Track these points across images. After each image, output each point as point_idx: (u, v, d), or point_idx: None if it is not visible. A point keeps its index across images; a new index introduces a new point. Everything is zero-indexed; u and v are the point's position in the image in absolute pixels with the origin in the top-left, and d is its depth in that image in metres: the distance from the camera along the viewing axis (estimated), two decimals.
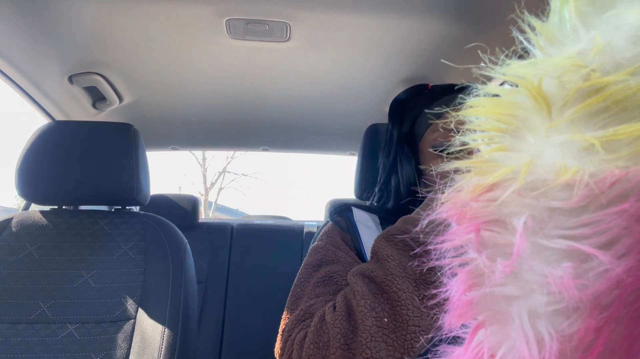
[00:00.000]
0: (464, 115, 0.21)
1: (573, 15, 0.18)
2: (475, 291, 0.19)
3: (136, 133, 0.96)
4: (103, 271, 0.89)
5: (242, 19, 0.91)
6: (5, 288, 0.85)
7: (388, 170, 0.70)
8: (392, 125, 0.72)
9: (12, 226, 0.92)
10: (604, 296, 0.15)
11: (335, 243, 0.64)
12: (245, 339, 1.59)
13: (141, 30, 0.96)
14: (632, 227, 0.14)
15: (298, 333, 0.50)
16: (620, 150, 0.15)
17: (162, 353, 0.81)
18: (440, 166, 0.22)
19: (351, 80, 1.21)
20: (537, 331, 0.16)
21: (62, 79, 1.12)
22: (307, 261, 0.62)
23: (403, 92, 0.73)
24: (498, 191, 0.18)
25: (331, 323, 0.47)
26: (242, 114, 1.47)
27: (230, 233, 1.76)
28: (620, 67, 0.16)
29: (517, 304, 0.17)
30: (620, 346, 0.15)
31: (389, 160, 0.70)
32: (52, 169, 0.90)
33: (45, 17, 0.90)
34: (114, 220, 0.96)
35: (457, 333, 0.21)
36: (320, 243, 0.65)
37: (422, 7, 0.87)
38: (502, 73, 0.19)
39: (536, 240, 0.16)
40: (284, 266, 1.71)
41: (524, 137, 0.18)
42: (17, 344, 0.81)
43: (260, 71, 1.16)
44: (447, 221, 0.20)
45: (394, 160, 0.69)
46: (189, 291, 0.90)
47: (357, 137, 1.15)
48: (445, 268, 0.21)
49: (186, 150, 1.85)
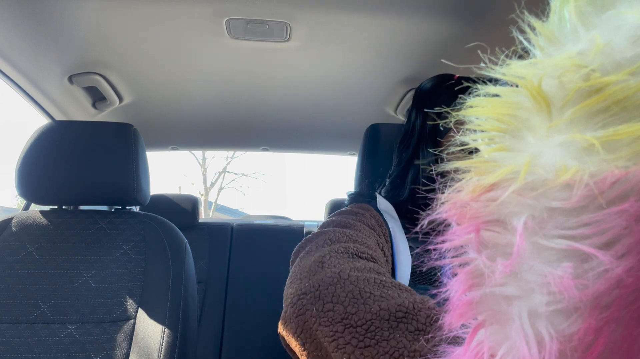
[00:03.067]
0: (464, 115, 0.21)
1: (573, 15, 0.18)
2: (475, 291, 0.19)
3: (136, 133, 0.96)
4: (103, 271, 0.89)
5: (242, 19, 0.91)
6: (5, 288, 0.85)
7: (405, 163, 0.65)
8: (415, 116, 0.67)
9: (12, 226, 0.92)
10: (604, 296, 0.15)
11: (371, 224, 0.56)
12: (245, 339, 1.59)
13: (141, 30, 0.96)
14: (632, 227, 0.14)
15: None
16: (620, 150, 0.15)
17: (162, 353, 0.81)
18: (440, 166, 0.22)
19: (351, 80, 1.21)
20: (537, 331, 0.16)
21: (62, 79, 1.12)
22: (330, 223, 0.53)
23: (428, 80, 0.69)
24: (498, 191, 0.18)
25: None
26: (242, 114, 1.47)
27: (230, 233, 1.76)
28: (620, 67, 0.16)
29: (517, 304, 0.17)
30: (620, 346, 0.15)
31: (407, 152, 0.65)
32: (52, 169, 0.90)
33: (45, 17, 0.90)
34: (114, 220, 0.96)
35: (457, 333, 0.21)
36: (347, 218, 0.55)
37: (422, 7, 0.87)
38: (502, 73, 0.19)
39: (536, 240, 0.16)
40: (284, 266, 1.70)
41: (524, 137, 0.18)
42: (17, 344, 0.81)
43: (260, 71, 1.16)
44: (447, 221, 0.20)
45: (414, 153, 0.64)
46: (189, 291, 0.90)
47: (357, 137, 1.15)
48: (445, 268, 0.21)
49: (186, 150, 1.85)
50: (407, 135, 0.67)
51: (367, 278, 0.40)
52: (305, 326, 0.37)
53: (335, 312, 0.36)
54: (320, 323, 0.36)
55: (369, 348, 0.33)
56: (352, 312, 0.36)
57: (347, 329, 0.35)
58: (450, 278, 0.20)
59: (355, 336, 0.34)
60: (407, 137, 0.67)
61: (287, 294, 0.43)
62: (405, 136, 0.68)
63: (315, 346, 0.37)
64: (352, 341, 0.34)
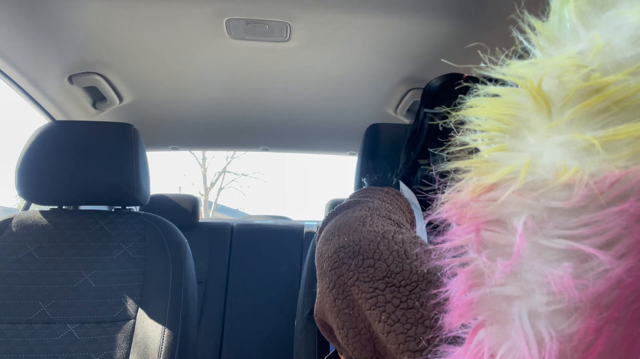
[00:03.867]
0: (464, 115, 0.21)
1: (573, 15, 0.18)
2: (475, 291, 0.19)
3: (136, 133, 0.96)
4: (103, 271, 0.89)
5: (242, 19, 0.91)
6: (5, 288, 0.85)
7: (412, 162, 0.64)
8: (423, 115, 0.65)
9: (12, 226, 0.92)
10: (604, 296, 0.15)
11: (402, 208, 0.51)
12: (245, 339, 1.59)
13: (141, 30, 0.96)
14: (632, 227, 0.14)
15: None
16: (620, 150, 0.15)
17: (162, 353, 0.81)
18: (441, 166, 0.22)
19: (351, 80, 1.21)
20: (537, 331, 0.16)
21: (62, 79, 1.12)
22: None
23: (436, 79, 0.67)
24: (498, 191, 0.18)
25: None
26: (242, 114, 1.47)
27: (230, 233, 1.76)
28: (620, 67, 0.16)
29: (517, 304, 0.17)
30: (620, 346, 0.15)
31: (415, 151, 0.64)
32: (52, 169, 0.90)
33: (45, 17, 0.90)
34: (114, 220, 0.96)
35: (457, 333, 0.21)
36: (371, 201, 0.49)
37: (422, 7, 0.87)
38: (502, 73, 0.19)
39: (536, 240, 0.16)
40: (284, 266, 1.71)
41: (524, 137, 0.18)
42: (17, 344, 0.81)
43: (260, 71, 1.16)
44: (447, 221, 0.20)
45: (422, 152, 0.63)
46: (188, 291, 0.90)
47: (357, 137, 1.15)
48: (445, 268, 0.21)
49: (186, 150, 1.85)
50: (415, 134, 0.66)
51: (413, 241, 0.36)
52: (340, 280, 0.35)
53: (376, 269, 0.33)
54: (358, 278, 0.33)
55: (412, 309, 0.30)
56: (395, 271, 0.33)
57: (388, 287, 0.32)
58: (450, 278, 0.20)
59: (398, 296, 0.31)
60: (415, 136, 0.66)
61: (322, 251, 0.39)
62: (413, 135, 0.67)
63: (347, 304, 0.34)
64: (394, 300, 0.31)
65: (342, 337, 0.35)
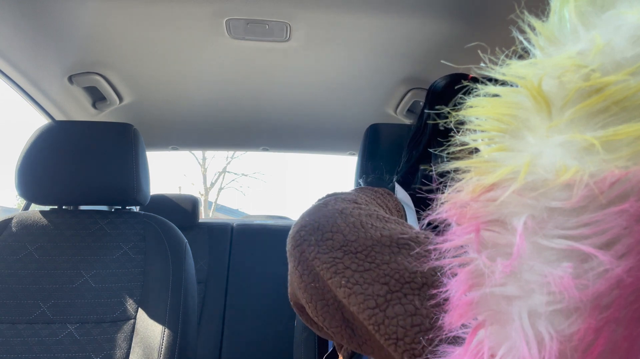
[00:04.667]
0: (464, 115, 0.21)
1: (573, 15, 0.18)
2: (475, 291, 0.19)
3: (136, 133, 0.96)
4: (103, 271, 0.89)
5: (242, 19, 0.91)
6: (5, 288, 0.85)
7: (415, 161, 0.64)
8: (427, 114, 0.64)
9: (12, 226, 0.92)
10: (604, 296, 0.15)
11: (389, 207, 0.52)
12: (245, 339, 1.59)
13: (141, 30, 0.96)
14: (632, 227, 0.14)
15: None
16: (620, 150, 0.15)
17: (162, 353, 0.81)
18: (441, 166, 0.22)
19: (351, 80, 1.21)
20: (537, 331, 0.16)
21: (62, 79, 1.12)
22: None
23: (441, 79, 0.67)
24: (498, 191, 0.18)
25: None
26: (242, 114, 1.47)
27: (230, 233, 1.76)
28: (620, 67, 0.16)
29: (517, 304, 0.17)
30: (620, 346, 0.15)
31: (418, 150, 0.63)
32: (52, 169, 0.90)
33: (45, 17, 0.90)
34: (114, 220, 0.96)
35: (457, 333, 0.21)
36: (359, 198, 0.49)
37: (422, 7, 0.87)
38: (502, 74, 0.19)
39: (536, 240, 0.16)
40: (284, 266, 1.70)
41: (524, 137, 0.18)
42: (17, 344, 0.81)
43: (260, 71, 1.16)
44: (447, 221, 0.20)
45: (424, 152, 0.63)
46: (188, 291, 0.90)
47: (357, 137, 1.15)
48: (445, 268, 0.21)
49: (186, 150, 1.85)
50: (418, 133, 0.66)
51: (369, 213, 0.39)
52: (302, 256, 0.36)
53: (334, 241, 0.35)
54: (318, 251, 0.35)
55: (369, 271, 0.32)
56: (351, 239, 0.35)
57: (346, 255, 0.34)
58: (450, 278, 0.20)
59: (355, 261, 0.33)
60: (419, 135, 0.65)
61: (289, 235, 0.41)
62: (416, 134, 0.66)
63: (312, 278, 0.36)
64: (352, 265, 0.33)
65: (312, 310, 0.36)
